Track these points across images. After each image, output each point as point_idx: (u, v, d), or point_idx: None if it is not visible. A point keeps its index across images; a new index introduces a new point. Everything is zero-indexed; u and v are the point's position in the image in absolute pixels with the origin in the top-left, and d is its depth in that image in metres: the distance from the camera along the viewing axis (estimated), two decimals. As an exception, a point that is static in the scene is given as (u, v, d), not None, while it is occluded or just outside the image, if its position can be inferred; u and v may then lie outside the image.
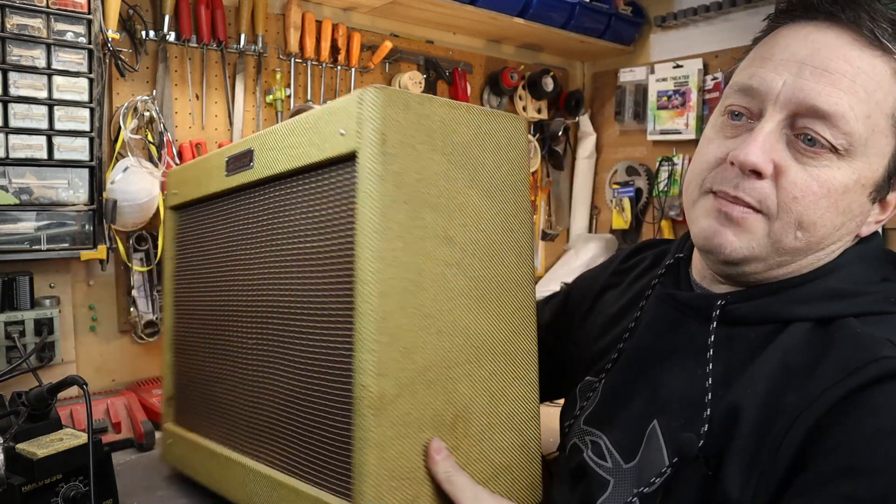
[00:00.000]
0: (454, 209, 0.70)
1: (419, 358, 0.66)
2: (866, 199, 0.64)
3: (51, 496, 0.80)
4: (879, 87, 0.60)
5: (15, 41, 1.13)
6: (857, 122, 0.59)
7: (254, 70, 1.55)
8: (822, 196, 0.61)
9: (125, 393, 1.29)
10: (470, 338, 0.71)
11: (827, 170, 0.60)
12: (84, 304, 1.34)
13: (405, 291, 0.65)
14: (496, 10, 1.72)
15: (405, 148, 0.67)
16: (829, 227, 0.62)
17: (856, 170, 0.61)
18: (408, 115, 0.67)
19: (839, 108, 0.59)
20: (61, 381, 0.82)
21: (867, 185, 0.62)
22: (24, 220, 1.18)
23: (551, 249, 2.26)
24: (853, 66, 0.59)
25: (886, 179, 0.64)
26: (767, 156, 0.61)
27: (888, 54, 0.60)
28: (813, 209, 0.61)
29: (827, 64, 0.60)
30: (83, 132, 1.22)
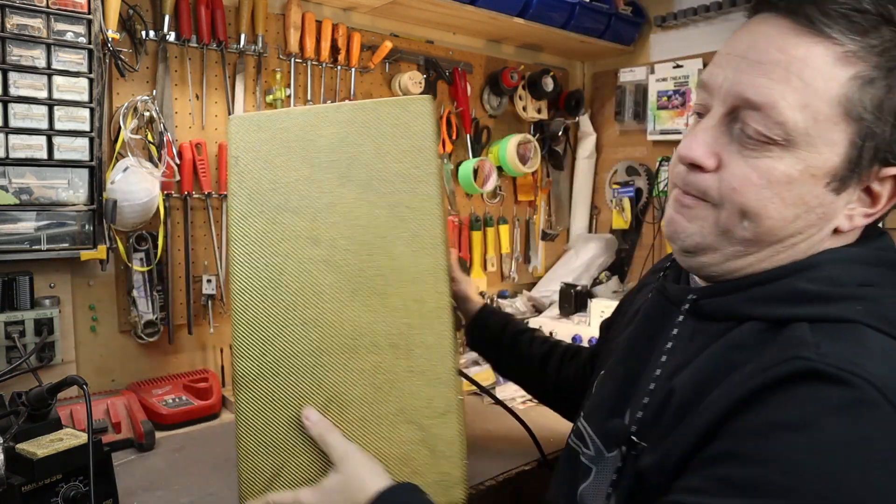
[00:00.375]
0: (320, 209, 0.76)
1: (281, 345, 0.76)
2: (824, 189, 0.60)
3: (51, 496, 0.80)
4: (819, 75, 0.58)
5: (15, 41, 1.13)
6: (791, 111, 0.58)
7: (254, 70, 1.55)
8: (763, 186, 0.60)
9: (125, 393, 1.29)
10: (343, 329, 0.76)
11: (768, 160, 0.60)
12: (84, 304, 1.34)
13: (264, 288, 0.77)
14: (496, 10, 1.72)
15: (258, 164, 0.77)
16: (777, 217, 0.61)
17: (801, 160, 0.59)
18: (260, 135, 0.78)
19: (770, 98, 0.58)
20: (61, 381, 0.82)
21: (819, 175, 0.59)
22: (24, 220, 1.18)
23: (551, 249, 2.26)
24: (788, 55, 0.58)
25: (848, 169, 0.60)
26: (708, 149, 0.63)
27: (829, 39, 0.57)
28: (754, 199, 0.60)
29: (761, 55, 0.60)
30: (83, 132, 1.22)
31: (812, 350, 0.54)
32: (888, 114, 0.58)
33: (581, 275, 2.09)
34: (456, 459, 0.76)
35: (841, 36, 0.57)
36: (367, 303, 0.76)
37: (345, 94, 1.69)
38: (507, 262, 2.12)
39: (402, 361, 0.76)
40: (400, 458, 0.76)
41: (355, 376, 0.77)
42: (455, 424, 0.76)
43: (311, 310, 0.76)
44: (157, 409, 1.26)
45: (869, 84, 0.58)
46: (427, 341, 0.76)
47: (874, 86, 0.58)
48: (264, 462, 0.77)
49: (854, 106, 0.58)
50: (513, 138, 1.96)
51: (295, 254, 0.77)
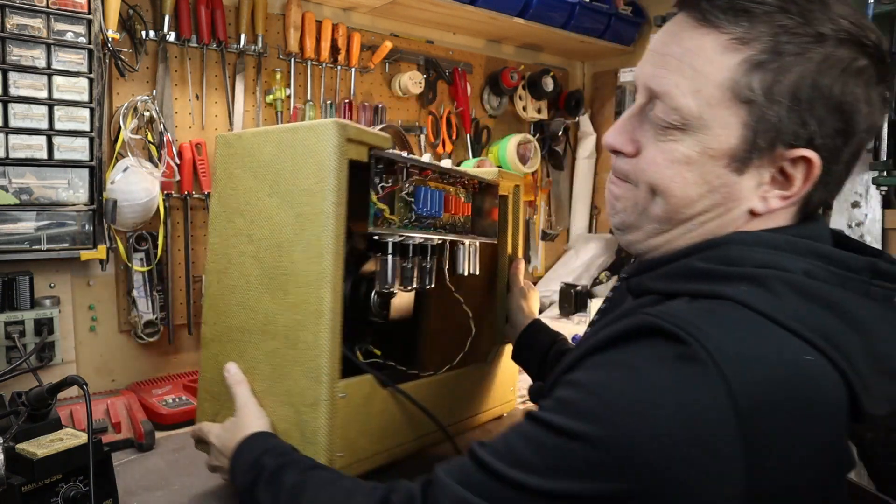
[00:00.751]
0: (255, 214, 0.93)
1: (226, 319, 0.97)
2: (724, 170, 0.63)
3: (51, 496, 0.80)
4: (708, 62, 0.62)
5: (15, 41, 1.13)
6: (684, 98, 0.62)
7: (254, 70, 1.55)
8: (667, 167, 0.65)
9: (125, 393, 1.29)
10: (259, 315, 0.93)
11: (672, 143, 0.64)
12: (84, 304, 1.34)
13: (219, 272, 0.98)
14: (496, 10, 1.72)
15: (226, 174, 0.98)
16: (682, 195, 0.65)
17: (698, 142, 0.63)
18: (229, 150, 0.97)
19: (664, 87, 0.64)
20: (61, 381, 0.82)
21: (717, 156, 0.63)
22: (24, 220, 1.18)
23: (551, 249, 2.26)
24: (682, 46, 0.64)
25: (746, 150, 0.62)
26: (626, 137, 0.69)
27: (717, 29, 0.62)
28: (660, 177, 0.65)
29: (664, 49, 0.66)
30: (83, 132, 1.22)
31: (659, 310, 0.58)
32: (781, 96, 0.60)
33: (581, 275, 2.09)
34: (319, 448, 0.86)
35: (728, 24, 0.61)
36: (275, 296, 0.91)
37: (345, 94, 1.69)
38: (507, 262, 2.12)
39: (291, 352, 0.89)
40: (282, 432, 0.90)
41: (263, 355, 0.92)
42: (322, 417, 0.86)
43: (242, 295, 0.95)
44: (157, 409, 1.26)
45: (757, 68, 0.60)
46: (307, 339, 0.87)
47: (763, 69, 0.60)
48: (208, 404, 1.00)
49: (742, 89, 0.61)
50: (513, 138, 1.96)
51: (238, 248, 0.96)
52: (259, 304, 0.92)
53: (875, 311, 0.60)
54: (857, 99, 0.60)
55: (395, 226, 0.95)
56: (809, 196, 0.65)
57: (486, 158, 1.96)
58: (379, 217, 0.92)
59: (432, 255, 1.08)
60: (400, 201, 0.97)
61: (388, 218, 0.94)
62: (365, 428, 0.93)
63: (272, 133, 0.92)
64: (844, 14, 0.60)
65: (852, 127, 0.61)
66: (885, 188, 1.61)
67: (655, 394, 0.53)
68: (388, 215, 0.94)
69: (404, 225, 0.98)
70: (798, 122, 0.61)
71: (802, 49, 0.59)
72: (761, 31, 0.60)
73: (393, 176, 0.95)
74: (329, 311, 0.86)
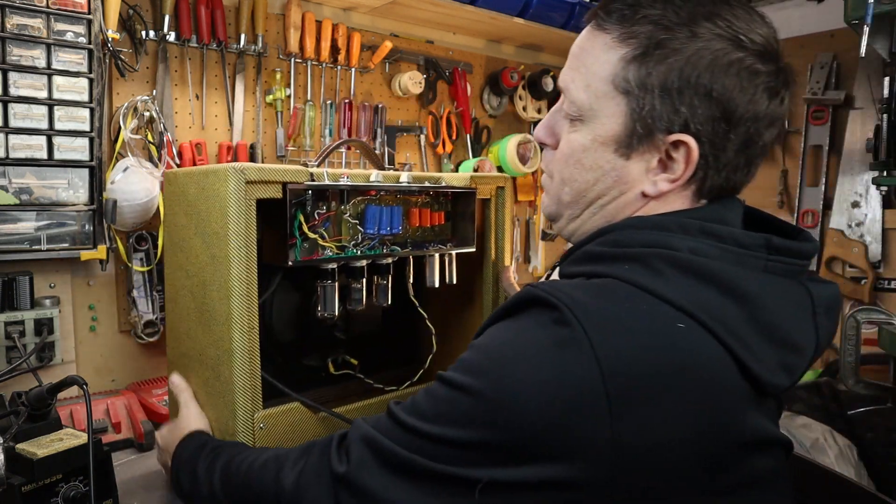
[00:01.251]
0: (189, 250, 0.97)
1: (178, 345, 1.03)
2: (613, 154, 0.71)
3: (51, 496, 0.80)
4: (596, 60, 0.71)
5: (15, 41, 1.13)
6: (578, 91, 0.71)
7: (254, 70, 1.55)
8: (569, 155, 0.73)
9: (125, 393, 1.29)
10: (196, 345, 0.98)
11: (574, 134, 0.73)
12: (84, 304, 1.34)
13: (171, 301, 1.05)
14: (496, 10, 1.72)
15: (169, 210, 1.03)
16: (581, 180, 0.73)
17: (591, 130, 0.71)
18: (171, 188, 1.02)
19: (564, 82, 0.74)
20: (61, 381, 0.83)
21: (606, 142, 0.70)
22: (24, 220, 1.18)
23: (551, 249, 2.26)
24: (581, 47, 0.73)
25: (628, 136, 0.69)
26: (547, 130, 0.77)
27: (605, 31, 0.70)
28: (564, 166, 0.74)
29: (572, 52, 0.75)
30: (83, 132, 1.22)
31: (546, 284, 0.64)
32: (653, 87, 0.67)
33: (581, 275, 2.09)
34: None
35: (612, 26, 0.70)
36: (204, 330, 0.95)
37: (344, 94, 1.69)
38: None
39: (216, 383, 0.94)
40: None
41: (200, 383, 0.99)
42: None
43: (186, 324, 1.00)
44: (157, 409, 1.26)
45: (632, 62, 0.68)
46: (225, 374, 0.92)
47: (637, 63, 0.68)
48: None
49: (621, 82, 0.69)
50: (513, 138, 1.96)
51: (180, 280, 1.01)
52: (196, 335, 0.98)
53: (772, 285, 0.65)
54: (729, 88, 0.65)
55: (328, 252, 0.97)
56: (703, 180, 0.69)
57: (486, 158, 1.96)
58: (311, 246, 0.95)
59: (386, 273, 1.08)
60: (346, 224, 0.99)
61: (325, 244, 0.96)
62: None
63: (193, 175, 0.97)
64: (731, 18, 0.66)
65: (731, 114, 0.66)
66: (885, 188, 1.62)
67: (530, 353, 0.59)
68: (322, 242, 0.96)
69: (353, 246, 1.00)
70: (671, 110, 0.67)
71: (675, 45, 0.66)
72: (639, 31, 0.68)
73: (327, 202, 0.97)
74: (239, 350, 0.90)
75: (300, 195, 0.93)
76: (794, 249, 0.67)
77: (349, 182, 0.99)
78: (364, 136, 1.73)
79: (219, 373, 0.93)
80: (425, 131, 1.88)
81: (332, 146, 1.16)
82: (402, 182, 1.05)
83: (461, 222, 1.15)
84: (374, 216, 1.02)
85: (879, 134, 1.48)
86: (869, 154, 1.60)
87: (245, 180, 0.88)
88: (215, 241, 0.90)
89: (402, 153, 1.85)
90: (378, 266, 1.07)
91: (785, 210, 1.82)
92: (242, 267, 0.89)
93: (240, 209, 0.88)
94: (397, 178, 1.05)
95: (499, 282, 1.26)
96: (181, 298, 1.01)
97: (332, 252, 0.97)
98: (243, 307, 0.89)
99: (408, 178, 1.06)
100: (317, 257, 0.96)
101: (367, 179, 1.01)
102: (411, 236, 1.09)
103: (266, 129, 1.57)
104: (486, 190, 1.20)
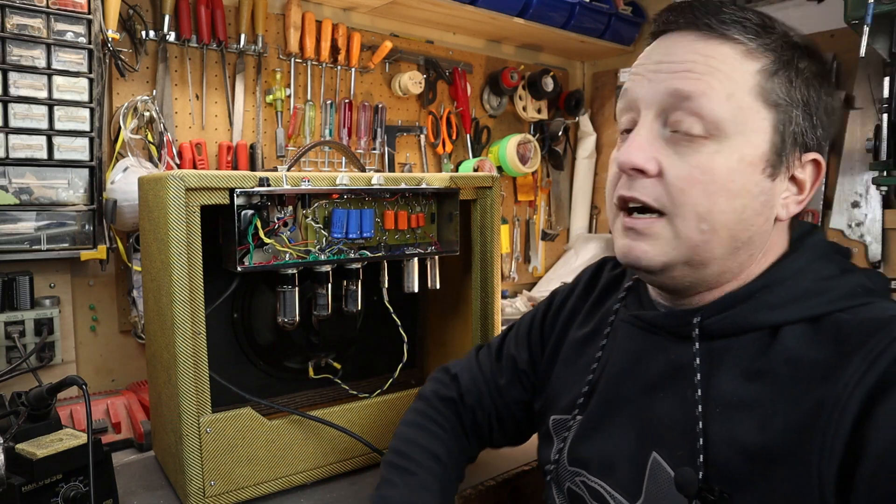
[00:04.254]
0: (150, 255, 0.98)
1: (151, 344, 1.05)
2: (761, 176, 0.63)
3: (51, 496, 0.80)
4: (734, 68, 0.63)
5: (15, 41, 1.13)
6: (719, 102, 0.62)
7: (254, 70, 1.55)
8: (709, 182, 0.62)
9: (125, 393, 1.29)
10: (157, 347, 1.00)
11: (707, 156, 0.62)
12: (84, 304, 1.34)
13: (145, 303, 1.07)
14: (496, 10, 1.72)
15: (142, 214, 1.04)
16: (728, 211, 0.62)
17: (735, 149, 0.62)
18: (141, 192, 1.04)
19: (699, 87, 0.62)
20: (61, 381, 0.82)
21: (755, 162, 0.62)
22: (24, 220, 1.18)
23: (551, 249, 2.26)
24: (702, 54, 0.63)
25: (776, 154, 0.63)
26: (647, 153, 0.64)
27: (731, 40, 0.63)
28: (703, 197, 0.62)
29: (679, 57, 0.64)
30: (83, 132, 1.22)
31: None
32: (796, 101, 0.64)
33: (581, 275, 2.09)
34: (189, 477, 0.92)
35: (741, 36, 0.63)
36: (161, 332, 0.96)
37: (344, 94, 1.69)
38: (508, 262, 2.12)
39: (168, 386, 0.95)
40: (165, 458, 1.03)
41: (161, 384, 1.00)
42: (186, 450, 0.91)
43: (151, 327, 1.03)
44: (157, 409, 1.26)
45: (775, 75, 0.63)
46: (173, 378, 0.92)
47: (780, 76, 0.63)
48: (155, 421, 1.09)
49: (769, 94, 0.63)
50: (513, 138, 1.96)
51: (147, 285, 1.04)
52: (157, 337, 0.99)
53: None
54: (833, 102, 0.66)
55: (283, 257, 0.95)
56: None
57: (486, 158, 1.96)
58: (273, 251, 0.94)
59: (355, 278, 1.06)
60: (310, 228, 0.98)
61: (283, 249, 0.95)
62: (245, 457, 0.96)
63: (149, 181, 0.98)
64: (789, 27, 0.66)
65: (833, 130, 0.66)
66: (885, 188, 1.61)
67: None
68: (280, 247, 0.95)
69: (318, 251, 0.98)
70: (811, 126, 0.64)
71: (796, 59, 0.64)
72: (767, 44, 0.63)
73: (284, 207, 0.95)
74: (181, 356, 0.90)
75: (249, 201, 0.92)
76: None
77: (309, 186, 0.96)
78: (364, 136, 1.73)
79: (169, 376, 0.93)
80: (425, 131, 1.88)
81: (304, 149, 1.15)
82: (373, 184, 1.01)
83: (446, 225, 1.11)
84: (340, 220, 0.99)
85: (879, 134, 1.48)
86: (869, 154, 1.60)
87: (185, 187, 0.88)
88: (163, 247, 0.91)
89: (402, 153, 1.85)
90: (347, 271, 1.05)
91: (785, 210, 1.83)
92: (184, 273, 0.89)
93: (179, 216, 0.88)
94: (369, 180, 1.02)
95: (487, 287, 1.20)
96: (148, 301, 1.04)
97: (291, 257, 0.96)
98: (186, 313, 0.90)
99: (379, 180, 1.02)
100: (274, 262, 0.94)
101: (334, 182, 0.99)
102: (388, 240, 1.06)
103: (266, 129, 1.57)
104: (471, 191, 1.15)
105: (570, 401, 0.80)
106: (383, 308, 1.09)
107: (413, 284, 1.10)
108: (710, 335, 0.66)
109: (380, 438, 1.07)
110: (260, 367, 1.11)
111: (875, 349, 0.56)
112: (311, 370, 1.12)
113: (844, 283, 0.63)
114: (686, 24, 0.65)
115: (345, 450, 1.04)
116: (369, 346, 1.21)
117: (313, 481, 1.03)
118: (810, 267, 0.65)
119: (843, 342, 0.59)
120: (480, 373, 0.94)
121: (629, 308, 0.78)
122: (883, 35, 1.33)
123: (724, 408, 0.63)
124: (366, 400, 1.09)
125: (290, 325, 1.01)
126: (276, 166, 1.56)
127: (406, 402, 1.10)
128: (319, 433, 1.02)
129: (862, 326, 0.59)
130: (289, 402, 1.13)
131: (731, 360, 0.64)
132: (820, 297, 0.63)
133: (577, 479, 0.75)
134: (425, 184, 1.07)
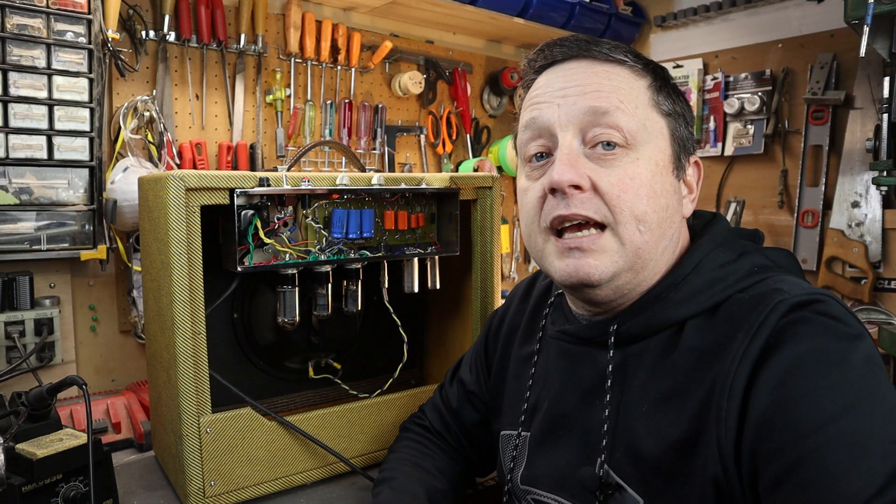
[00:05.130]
0: (150, 255, 0.98)
1: (151, 344, 1.05)
2: (671, 177, 0.70)
3: (51, 496, 0.80)
4: (631, 86, 0.70)
5: (15, 41, 1.13)
6: (630, 112, 0.68)
7: (254, 70, 1.55)
8: (639, 186, 0.67)
9: (125, 393, 1.29)
10: (157, 347, 1.00)
11: (629, 164, 0.67)
12: (84, 304, 1.34)
13: (145, 303, 1.07)
14: (496, 10, 1.72)
15: (142, 214, 1.04)
16: (658, 210, 0.68)
17: (650, 155, 0.68)
18: (141, 194, 1.04)
19: (612, 102, 0.68)
20: (61, 382, 0.82)
21: (666, 165, 0.70)
22: (24, 220, 1.18)
23: (551, 249, 2.26)
24: (604, 76, 0.70)
25: (676, 158, 0.71)
26: (578, 170, 0.67)
27: (621, 63, 0.71)
28: (637, 199, 0.67)
29: (584, 80, 0.69)
30: (83, 132, 1.22)
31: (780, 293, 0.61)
32: (677, 112, 0.72)
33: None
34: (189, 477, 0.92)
35: (627, 59, 0.71)
36: (161, 332, 0.96)
37: (344, 94, 1.69)
38: (508, 262, 2.12)
39: (169, 386, 0.95)
40: (166, 457, 1.02)
41: (161, 384, 1.00)
42: (187, 450, 0.91)
43: (151, 327, 1.03)
44: (157, 409, 1.26)
45: (660, 91, 0.71)
46: (173, 378, 0.92)
47: (663, 91, 0.72)
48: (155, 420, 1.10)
49: (661, 105, 0.71)
50: (513, 138, 1.96)
51: (147, 285, 1.04)
52: (157, 337, 0.99)
53: None
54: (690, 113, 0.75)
55: (283, 257, 0.95)
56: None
57: (486, 158, 1.96)
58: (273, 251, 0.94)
59: (355, 278, 1.06)
60: (311, 228, 0.98)
61: (283, 249, 0.95)
62: (245, 457, 0.96)
63: (149, 182, 0.97)
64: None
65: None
66: (885, 188, 1.61)
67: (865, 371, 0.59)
68: (280, 247, 0.95)
69: (318, 251, 0.98)
70: (689, 132, 0.73)
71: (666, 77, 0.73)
72: (646, 65, 0.72)
73: (285, 207, 0.95)
74: (181, 356, 0.90)
75: (250, 201, 0.92)
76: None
77: (309, 186, 0.96)
78: (364, 136, 1.73)
79: (169, 376, 0.93)
80: (425, 131, 1.88)
81: (304, 149, 1.15)
82: (373, 184, 1.01)
83: (446, 225, 1.11)
84: (340, 220, 0.99)
85: (879, 134, 1.48)
86: (869, 154, 1.60)
87: (185, 187, 0.88)
88: (163, 247, 0.91)
89: (402, 153, 1.85)
90: (347, 271, 1.05)
91: (785, 210, 1.82)
92: (184, 273, 0.89)
93: (180, 216, 0.88)
94: (369, 180, 1.02)
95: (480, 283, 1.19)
96: (148, 301, 1.04)
97: (291, 257, 0.96)
98: (186, 313, 0.90)
99: (379, 180, 1.02)
100: (274, 262, 0.94)
101: (334, 182, 0.99)
102: (388, 240, 1.06)
103: (266, 128, 1.57)
104: (471, 191, 1.15)
105: (514, 417, 0.84)
106: (383, 308, 1.09)
107: (413, 284, 1.10)
108: (627, 340, 0.70)
109: (380, 438, 1.08)
110: (260, 367, 1.11)
111: (756, 321, 0.60)
112: (311, 370, 1.12)
113: (739, 266, 0.68)
114: (579, 54, 0.71)
115: (344, 450, 1.04)
116: (369, 346, 1.21)
117: (313, 481, 1.03)
118: (708, 258, 0.70)
119: (733, 321, 0.63)
120: (441, 401, 0.99)
121: (556, 324, 0.81)
122: (883, 35, 1.33)
123: (650, 405, 0.66)
124: (366, 400, 1.09)
125: (290, 325, 1.01)
126: (276, 166, 1.55)
127: (406, 402, 1.11)
128: (319, 433, 1.02)
129: (749, 302, 0.63)
130: (289, 402, 1.13)
131: (649, 360, 0.68)
132: (717, 285, 0.67)
133: (529, 497, 0.78)
134: (425, 184, 1.07)
